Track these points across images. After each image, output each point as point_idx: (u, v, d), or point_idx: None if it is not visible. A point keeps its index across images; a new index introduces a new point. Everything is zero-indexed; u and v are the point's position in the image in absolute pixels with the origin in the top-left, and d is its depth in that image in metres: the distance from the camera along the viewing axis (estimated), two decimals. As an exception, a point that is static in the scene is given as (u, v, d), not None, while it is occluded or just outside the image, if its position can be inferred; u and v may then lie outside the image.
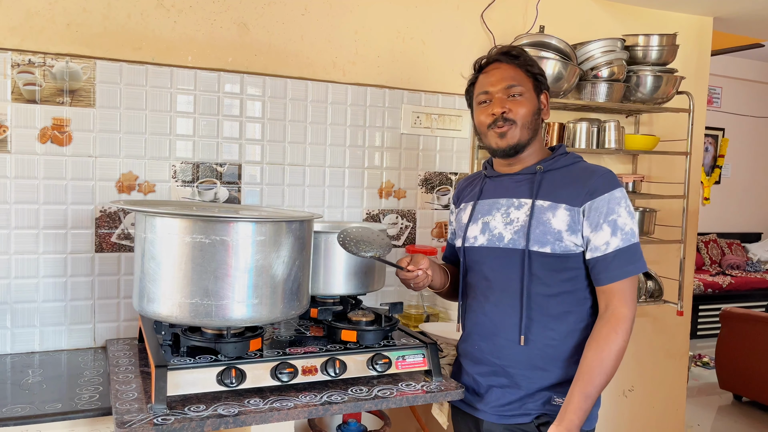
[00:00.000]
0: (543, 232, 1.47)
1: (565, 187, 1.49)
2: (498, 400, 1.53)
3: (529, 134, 1.53)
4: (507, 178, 1.59)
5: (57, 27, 1.82)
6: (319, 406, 1.41)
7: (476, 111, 1.59)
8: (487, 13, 2.39)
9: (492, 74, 1.55)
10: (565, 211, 1.46)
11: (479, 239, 1.57)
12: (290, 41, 2.11)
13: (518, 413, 1.50)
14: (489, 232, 1.55)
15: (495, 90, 1.53)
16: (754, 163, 7.35)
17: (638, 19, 2.70)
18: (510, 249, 1.51)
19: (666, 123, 2.78)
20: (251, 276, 1.39)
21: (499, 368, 1.53)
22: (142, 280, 1.42)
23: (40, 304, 1.84)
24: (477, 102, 1.58)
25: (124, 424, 1.26)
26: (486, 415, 1.55)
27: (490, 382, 1.55)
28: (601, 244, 1.44)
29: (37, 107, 1.80)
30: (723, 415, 4.19)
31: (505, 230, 1.53)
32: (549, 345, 1.48)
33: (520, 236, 1.49)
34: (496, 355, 1.53)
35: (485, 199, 1.60)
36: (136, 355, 1.73)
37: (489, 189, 1.62)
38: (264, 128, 2.08)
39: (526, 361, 1.49)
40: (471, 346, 1.60)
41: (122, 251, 1.92)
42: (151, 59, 1.93)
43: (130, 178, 1.92)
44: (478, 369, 1.58)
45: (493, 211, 1.57)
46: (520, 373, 1.50)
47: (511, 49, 1.56)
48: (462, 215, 1.66)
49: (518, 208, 1.52)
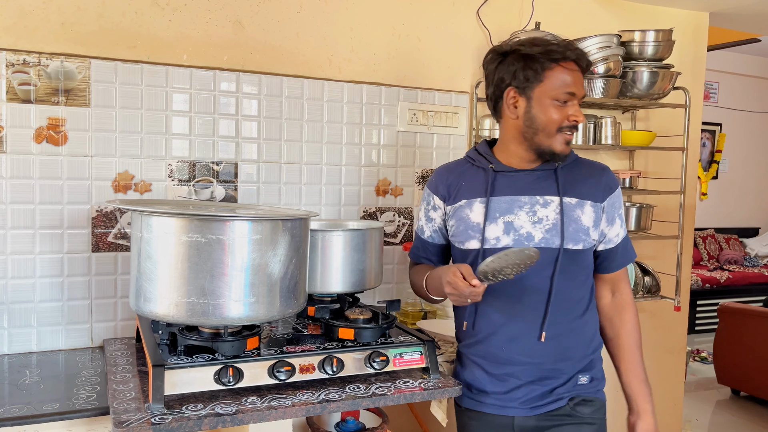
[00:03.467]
0: (576, 230, 1.49)
1: (584, 184, 1.52)
2: (528, 395, 1.53)
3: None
4: (523, 174, 1.53)
5: (51, 26, 1.82)
6: (317, 404, 1.42)
7: (549, 105, 1.45)
8: (483, 9, 2.39)
9: (575, 76, 1.46)
10: (591, 208, 1.51)
11: (503, 240, 1.50)
12: (286, 39, 2.10)
13: (550, 400, 1.52)
14: (515, 232, 1.49)
15: (580, 94, 1.47)
16: (751, 158, 7.36)
17: (634, 14, 2.70)
18: (542, 248, 1.47)
19: (662, 119, 2.79)
20: (248, 275, 1.39)
21: (530, 366, 1.52)
22: (139, 279, 1.42)
23: (37, 304, 1.84)
24: (553, 97, 1.45)
25: (122, 423, 1.26)
26: (517, 410, 1.53)
27: (520, 380, 1.53)
28: (614, 236, 1.56)
29: (32, 107, 1.80)
30: (721, 409, 4.21)
31: (534, 229, 1.49)
32: (574, 335, 1.53)
33: (554, 235, 1.48)
34: (527, 354, 1.51)
35: (501, 196, 1.52)
36: (133, 354, 1.73)
37: (503, 185, 1.53)
38: (260, 126, 2.08)
39: (556, 355, 1.52)
40: (494, 347, 1.53)
41: (119, 251, 1.92)
42: (147, 58, 1.92)
43: (126, 178, 1.92)
44: (505, 369, 1.53)
45: (515, 210, 1.50)
46: (552, 367, 1.52)
47: (585, 57, 1.48)
48: (466, 213, 1.55)
49: (545, 205, 1.49)
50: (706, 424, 3.96)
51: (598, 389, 1.58)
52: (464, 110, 2.39)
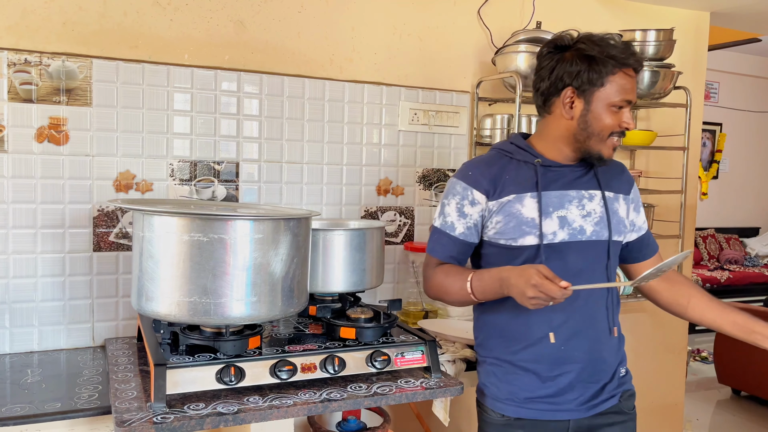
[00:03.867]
0: (618, 222, 1.55)
1: (613, 179, 1.58)
2: (582, 396, 1.51)
3: None
4: (567, 169, 1.54)
5: (53, 26, 1.82)
6: (319, 404, 1.42)
7: (606, 110, 1.44)
8: (484, 9, 2.39)
9: (632, 82, 1.45)
10: (623, 201, 1.58)
11: (559, 234, 1.48)
12: (287, 38, 2.10)
13: (604, 399, 1.53)
14: (568, 226, 1.49)
15: (633, 101, 1.46)
16: (751, 157, 7.36)
17: (635, 14, 2.70)
18: (593, 241, 1.50)
19: (663, 118, 2.79)
20: (249, 274, 1.39)
21: (590, 362, 1.51)
22: (141, 278, 1.42)
23: (38, 303, 1.84)
24: (611, 102, 1.43)
25: (124, 423, 1.26)
26: (572, 413, 1.51)
27: (575, 380, 1.50)
28: (642, 224, 1.65)
29: (34, 106, 1.80)
30: (722, 409, 4.21)
31: (585, 222, 1.50)
32: (619, 328, 1.58)
33: (602, 227, 1.52)
34: (589, 350, 1.50)
35: (551, 191, 1.49)
36: (135, 353, 1.73)
37: (550, 179, 1.51)
38: (261, 126, 2.08)
39: (612, 350, 1.55)
40: (552, 348, 1.48)
41: (120, 250, 1.92)
42: (148, 57, 1.92)
43: (128, 177, 1.92)
44: (562, 369, 1.49)
45: (566, 204, 1.49)
46: (608, 360, 1.54)
47: (642, 61, 1.48)
48: (517, 208, 1.48)
49: (590, 199, 1.52)
50: (707, 423, 3.96)
51: (631, 380, 1.63)
52: (465, 110, 2.39)
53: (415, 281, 2.23)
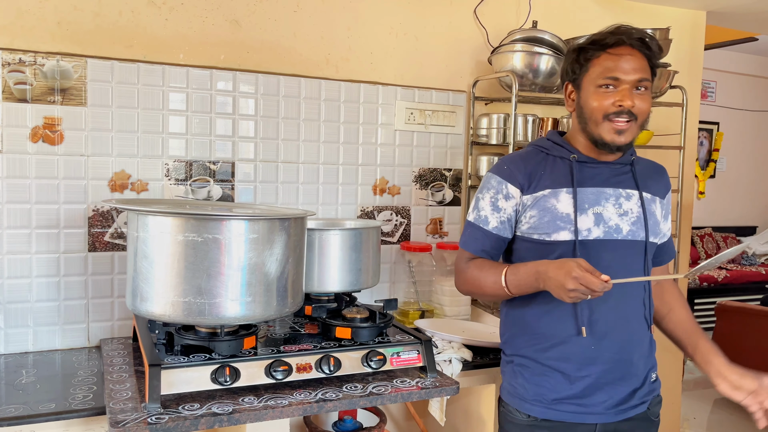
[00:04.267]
0: (654, 224, 1.53)
1: (651, 179, 1.57)
2: (611, 398, 1.47)
3: (639, 132, 1.48)
4: (605, 166, 1.51)
5: (47, 25, 1.81)
6: (314, 404, 1.41)
7: (593, 93, 1.44)
8: (480, 8, 2.39)
9: (624, 59, 1.41)
10: (659, 204, 1.57)
11: (594, 231, 1.46)
12: (283, 38, 2.10)
13: (634, 405, 1.50)
14: (604, 223, 1.46)
15: (626, 79, 1.41)
16: (748, 156, 7.37)
17: (631, 13, 2.70)
18: (629, 241, 1.48)
19: (660, 117, 2.78)
20: (244, 274, 1.39)
21: (618, 364, 1.46)
22: (135, 279, 1.42)
23: (33, 304, 1.83)
24: (596, 84, 1.43)
25: (118, 423, 1.25)
26: (599, 417, 1.47)
27: (603, 381, 1.46)
28: (666, 231, 1.63)
29: (28, 106, 1.79)
30: (719, 408, 4.21)
31: (622, 221, 1.47)
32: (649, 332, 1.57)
33: (639, 228, 1.49)
34: (618, 351, 1.46)
35: (587, 187, 1.48)
36: (130, 354, 1.73)
37: (587, 176, 1.50)
38: (257, 126, 2.07)
39: (644, 351, 1.52)
40: (581, 347, 1.46)
41: (116, 250, 1.91)
42: (143, 57, 1.92)
43: (123, 177, 1.91)
44: (588, 370, 1.46)
45: (602, 201, 1.47)
46: (638, 363, 1.50)
47: (646, 37, 1.44)
48: (552, 203, 1.47)
49: (628, 198, 1.50)
50: (705, 422, 3.96)
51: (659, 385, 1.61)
52: (462, 109, 2.38)
53: (411, 281, 2.23)
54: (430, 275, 2.26)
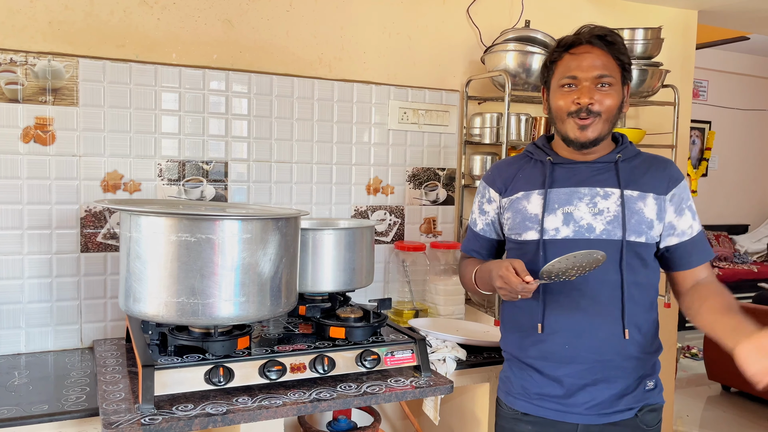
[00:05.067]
0: (638, 222, 1.46)
1: (645, 176, 1.50)
2: (593, 399, 1.46)
3: (610, 128, 1.48)
4: (583, 166, 1.51)
5: (39, 25, 1.80)
6: (308, 404, 1.41)
7: (556, 94, 1.49)
8: (473, 7, 2.39)
9: (582, 58, 1.45)
10: (653, 200, 1.48)
11: (562, 231, 1.47)
12: (275, 37, 2.10)
13: (618, 410, 1.46)
14: (574, 223, 1.47)
15: (584, 77, 1.44)
16: (740, 155, 7.41)
17: (623, 12, 2.71)
18: (603, 240, 1.45)
19: (652, 116, 2.80)
20: (238, 274, 1.39)
21: (596, 364, 1.45)
22: (128, 279, 1.41)
23: (25, 305, 1.82)
24: (559, 84, 1.48)
25: (112, 424, 1.25)
26: (581, 417, 1.47)
27: (583, 381, 1.46)
28: (686, 228, 1.50)
29: (20, 106, 1.78)
30: (712, 405, 4.23)
31: (595, 221, 1.46)
32: (643, 335, 1.48)
33: (615, 227, 1.45)
34: (596, 351, 1.45)
35: (560, 188, 1.50)
36: (123, 355, 1.72)
37: (561, 177, 1.51)
38: (250, 125, 2.07)
39: (626, 354, 1.46)
40: (557, 345, 1.48)
41: (108, 251, 1.90)
42: (135, 57, 1.91)
43: (116, 177, 1.90)
44: (566, 370, 1.47)
45: (574, 201, 1.48)
46: (620, 365, 1.46)
47: (607, 34, 1.46)
48: (523, 205, 1.52)
49: (605, 197, 1.47)
50: (698, 420, 3.99)
51: (660, 393, 1.54)
52: (455, 108, 2.39)
53: (405, 280, 2.23)
54: (424, 274, 2.26)
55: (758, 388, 1.19)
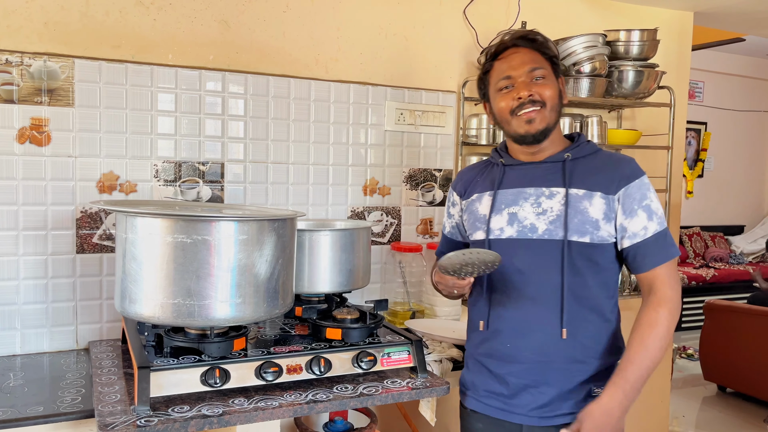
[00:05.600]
0: (581, 221, 1.44)
1: (596, 175, 1.47)
2: (536, 401, 1.46)
3: (556, 118, 1.50)
4: (531, 166, 1.53)
5: (34, 25, 1.80)
6: (304, 405, 1.41)
7: (496, 98, 1.52)
8: (470, 9, 2.39)
9: (512, 59, 1.49)
10: (601, 199, 1.45)
11: (507, 231, 1.49)
12: (272, 38, 2.09)
13: (561, 413, 1.45)
14: (518, 223, 1.48)
15: (518, 74, 1.47)
16: (736, 156, 7.44)
17: (619, 14, 2.71)
18: (545, 240, 1.45)
19: (648, 117, 2.80)
20: (234, 275, 1.39)
21: (536, 365, 1.45)
22: (124, 280, 1.41)
23: (20, 306, 1.82)
24: (497, 89, 1.51)
25: (107, 426, 1.24)
26: (525, 418, 1.47)
27: (525, 382, 1.47)
28: (639, 230, 1.44)
29: (15, 107, 1.78)
30: (707, 405, 4.24)
31: (538, 220, 1.46)
32: (588, 337, 1.45)
33: (557, 226, 1.44)
34: (535, 351, 1.45)
35: (508, 189, 1.52)
36: (119, 356, 1.72)
37: (511, 178, 1.54)
38: (246, 126, 2.07)
39: (567, 356, 1.44)
40: (500, 344, 1.50)
41: (104, 252, 1.90)
42: (131, 57, 1.91)
43: (111, 178, 1.90)
44: (509, 368, 1.49)
45: (519, 201, 1.49)
46: (561, 367, 1.44)
47: (527, 33, 1.51)
48: (476, 206, 1.57)
49: (550, 197, 1.47)
50: (693, 420, 3.99)
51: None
52: (451, 109, 2.39)
53: (402, 281, 2.23)
54: (421, 276, 2.26)
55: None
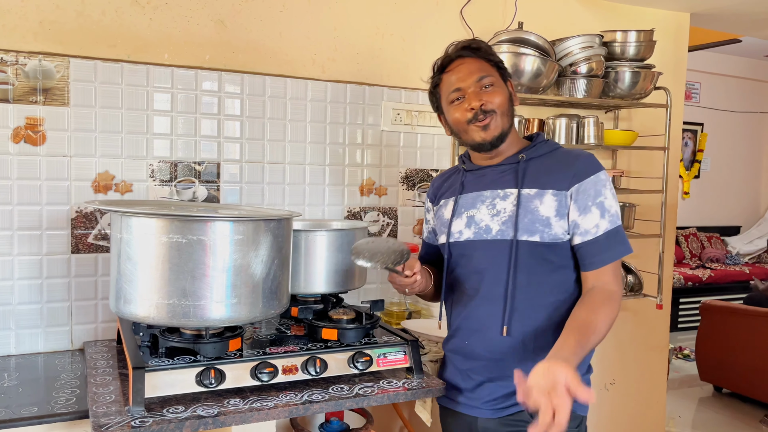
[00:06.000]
0: (531, 221, 1.46)
1: (550, 173, 1.49)
2: (490, 395, 1.52)
3: (509, 122, 1.54)
4: (489, 170, 1.57)
5: (29, 24, 1.79)
6: (300, 406, 1.41)
7: (450, 110, 1.55)
8: (467, 9, 2.39)
9: (458, 70, 1.53)
10: (552, 197, 1.45)
11: (465, 233, 1.54)
12: (268, 38, 2.09)
13: (511, 404, 1.48)
14: (475, 225, 1.53)
15: (467, 84, 1.51)
16: (732, 157, 7.45)
17: (616, 14, 2.71)
18: (498, 240, 1.49)
19: (644, 118, 2.81)
20: (229, 275, 1.38)
21: (490, 361, 1.51)
22: (119, 281, 1.40)
23: (15, 306, 1.81)
24: (448, 101, 1.54)
25: (102, 427, 1.24)
26: (480, 411, 1.53)
27: (482, 377, 1.53)
28: (591, 228, 1.44)
29: (10, 106, 1.77)
30: (704, 406, 4.25)
31: (492, 222, 1.50)
32: (538, 335, 1.46)
33: (508, 226, 1.47)
34: (487, 348, 1.50)
35: (468, 193, 1.58)
36: (114, 357, 1.71)
37: (471, 182, 1.59)
38: (243, 126, 2.06)
39: (515, 353, 1.47)
40: (461, 341, 1.57)
41: (99, 252, 1.89)
42: (127, 57, 1.90)
43: (107, 178, 1.89)
44: (469, 364, 1.55)
45: (477, 204, 1.54)
46: (511, 364, 1.46)
47: (470, 43, 1.55)
48: (443, 211, 1.63)
49: (504, 198, 1.50)
50: (690, 421, 4.00)
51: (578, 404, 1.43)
52: (448, 110, 2.38)
53: (398, 281, 2.23)
54: (417, 276, 2.26)
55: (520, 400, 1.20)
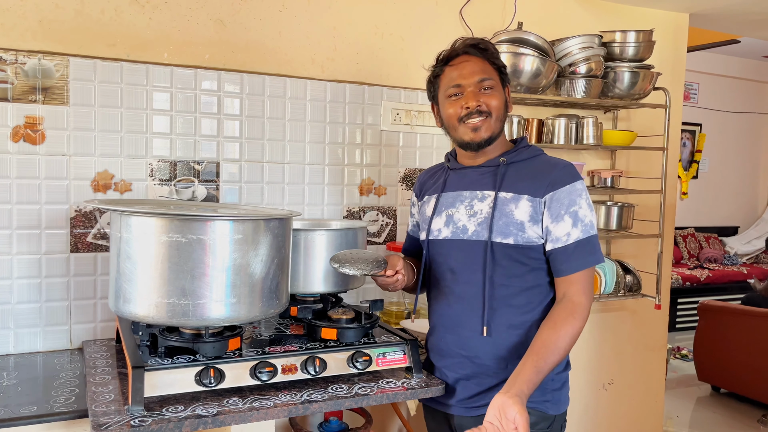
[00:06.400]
0: (506, 224, 1.48)
1: (527, 179, 1.51)
2: (465, 393, 1.55)
3: (501, 126, 1.55)
4: (471, 170, 1.59)
5: (29, 23, 1.79)
6: (299, 405, 1.41)
7: (445, 104, 1.56)
8: (466, 9, 2.39)
9: (462, 67, 1.53)
10: (528, 202, 1.48)
11: (443, 232, 1.58)
12: (268, 38, 2.09)
13: (484, 403, 1.47)
14: (453, 224, 1.56)
15: (467, 83, 1.52)
16: (731, 158, 7.46)
17: (615, 15, 2.72)
18: (473, 241, 1.52)
19: (643, 119, 2.81)
20: (229, 275, 1.38)
21: (465, 360, 1.54)
22: (118, 280, 1.40)
23: (14, 305, 1.81)
24: (446, 95, 1.55)
25: (101, 426, 1.24)
26: (456, 409, 1.56)
27: (457, 375, 1.56)
28: (562, 235, 1.46)
29: (9, 105, 1.77)
30: (701, 406, 4.25)
31: (469, 222, 1.53)
32: (513, 336, 1.50)
33: (484, 228, 1.50)
34: (462, 347, 1.54)
35: (449, 192, 1.60)
36: (113, 356, 1.71)
37: (453, 181, 1.61)
38: (242, 126, 2.06)
39: (490, 352, 1.51)
40: (438, 339, 1.61)
41: (98, 251, 1.89)
42: (126, 56, 1.90)
43: (106, 177, 1.89)
44: (445, 362, 1.59)
45: (456, 204, 1.57)
46: (486, 364, 1.51)
47: (479, 42, 1.56)
48: (426, 208, 1.66)
49: (482, 200, 1.53)
50: (687, 420, 4.00)
51: (544, 401, 1.49)
52: (447, 110, 2.38)
53: (397, 281, 2.23)
54: (416, 275, 2.26)
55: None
